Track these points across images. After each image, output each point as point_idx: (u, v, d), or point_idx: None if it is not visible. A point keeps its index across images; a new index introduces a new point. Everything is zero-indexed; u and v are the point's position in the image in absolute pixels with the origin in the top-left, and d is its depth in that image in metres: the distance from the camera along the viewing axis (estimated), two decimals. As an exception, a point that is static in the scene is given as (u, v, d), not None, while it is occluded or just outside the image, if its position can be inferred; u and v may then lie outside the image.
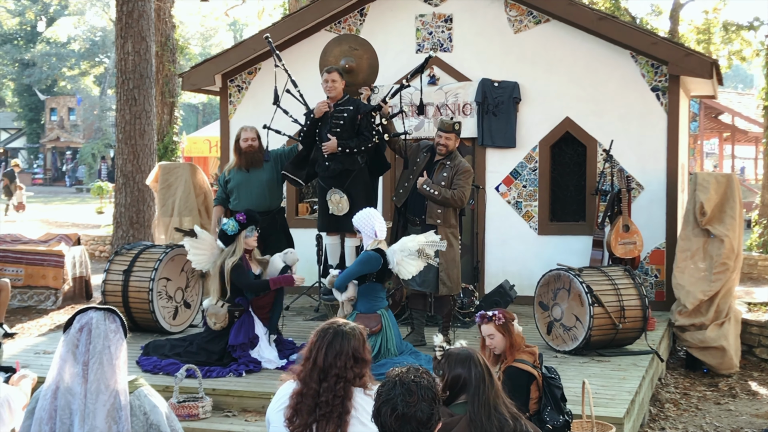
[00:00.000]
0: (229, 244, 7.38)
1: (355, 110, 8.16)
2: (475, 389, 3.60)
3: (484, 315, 5.25)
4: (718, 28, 23.57)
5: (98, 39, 53.53)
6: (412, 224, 8.01)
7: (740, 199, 9.29)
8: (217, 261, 7.39)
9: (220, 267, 7.32)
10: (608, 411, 6.03)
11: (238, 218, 7.33)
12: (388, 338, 7.05)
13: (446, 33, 10.54)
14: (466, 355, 3.72)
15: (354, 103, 8.25)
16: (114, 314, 3.37)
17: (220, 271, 7.34)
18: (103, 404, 3.23)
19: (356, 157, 8.17)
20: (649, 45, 9.84)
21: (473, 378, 3.63)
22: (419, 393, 2.94)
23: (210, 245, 7.53)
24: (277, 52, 8.65)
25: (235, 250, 7.32)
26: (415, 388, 2.95)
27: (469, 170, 7.98)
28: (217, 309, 7.32)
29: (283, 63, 8.53)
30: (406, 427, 2.92)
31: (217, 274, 7.37)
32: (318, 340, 3.56)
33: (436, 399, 2.99)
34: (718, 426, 7.53)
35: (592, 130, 10.14)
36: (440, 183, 7.82)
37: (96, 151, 49.61)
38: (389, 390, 2.99)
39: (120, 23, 13.13)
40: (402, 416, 2.91)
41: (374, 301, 7.13)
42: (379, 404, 2.99)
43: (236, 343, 7.28)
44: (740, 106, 27.47)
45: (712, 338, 8.97)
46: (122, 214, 13.13)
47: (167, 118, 17.04)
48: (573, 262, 9.02)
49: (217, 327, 7.35)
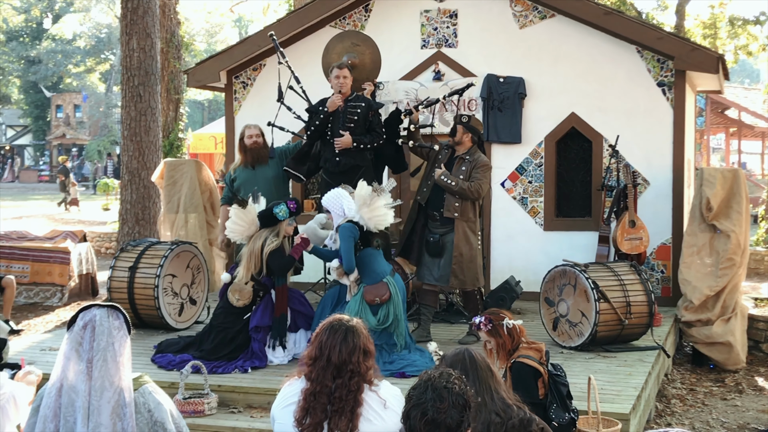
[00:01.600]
0: (267, 226, 7.39)
1: (367, 107, 8.21)
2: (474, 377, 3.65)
3: (472, 324, 5.35)
4: (724, 22, 23.50)
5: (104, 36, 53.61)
6: (432, 219, 8.11)
7: (747, 195, 9.26)
8: (256, 240, 7.36)
9: (261, 247, 7.32)
10: (614, 407, 6.02)
11: (290, 205, 7.35)
12: (396, 304, 7.13)
13: (451, 28, 10.52)
14: (459, 352, 3.78)
15: (364, 100, 8.30)
16: (117, 311, 3.37)
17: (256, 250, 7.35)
18: (108, 401, 3.22)
19: (366, 153, 8.28)
20: (655, 40, 9.81)
21: (469, 368, 3.68)
22: (450, 399, 2.92)
23: (251, 221, 7.47)
24: (281, 49, 8.65)
25: (278, 234, 7.34)
26: (446, 394, 2.93)
27: (487, 164, 8.07)
28: (242, 285, 7.34)
29: (286, 60, 8.52)
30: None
31: (253, 252, 7.36)
32: (329, 338, 3.54)
33: (467, 406, 2.96)
34: (725, 422, 7.51)
35: (598, 125, 10.11)
36: (459, 177, 7.92)
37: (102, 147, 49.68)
38: (420, 394, 2.97)
39: (125, 20, 13.12)
40: (432, 422, 2.89)
41: (375, 269, 7.20)
42: (410, 407, 2.96)
43: (262, 324, 7.29)
44: (747, 101, 27.36)
45: (719, 334, 8.95)
46: (128, 210, 13.13)
47: (172, 114, 17.02)
48: (579, 257, 9.00)
49: (239, 303, 7.36)
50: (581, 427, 5.47)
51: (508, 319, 5.23)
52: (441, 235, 7.99)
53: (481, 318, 5.25)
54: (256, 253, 7.31)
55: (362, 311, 6.99)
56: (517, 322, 5.26)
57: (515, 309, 9.17)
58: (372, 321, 6.96)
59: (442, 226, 8.01)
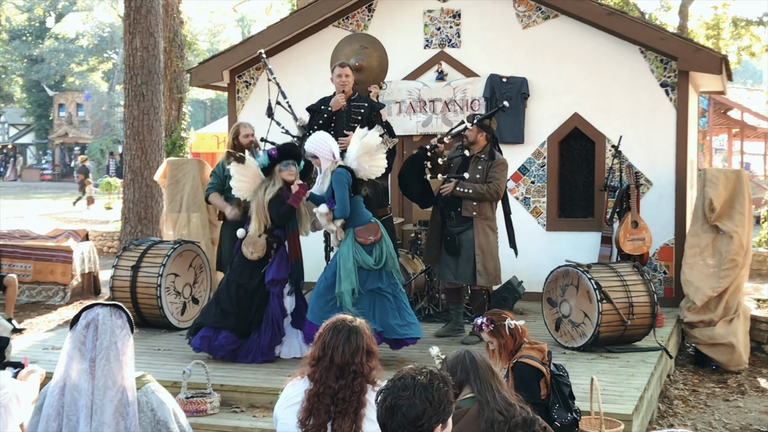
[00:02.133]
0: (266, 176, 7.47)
1: (370, 107, 8.20)
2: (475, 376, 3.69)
3: (474, 324, 5.35)
4: (727, 23, 23.50)
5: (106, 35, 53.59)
6: (449, 218, 8.12)
7: (749, 196, 9.25)
8: (258, 192, 7.40)
9: (262, 198, 7.37)
10: (617, 408, 6.01)
11: (270, 152, 7.37)
12: (387, 243, 7.17)
13: (454, 28, 10.52)
14: (459, 355, 3.81)
15: (367, 100, 8.29)
16: (120, 310, 3.37)
17: (260, 202, 7.39)
18: (111, 400, 3.22)
19: None
20: (658, 40, 9.80)
21: (470, 368, 3.71)
22: (414, 389, 2.93)
23: (254, 175, 7.48)
24: (270, 66, 8.59)
25: (274, 182, 7.37)
26: (411, 384, 2.94)
27: (503, 162, 8.06)
28: (255, 239, 7.37)
29: (275, 77, 8.46)
30: (393, 419, 2.92)
31: (259, 205, 7.37)
32: (333, 338, 3.53)
33: (433, 402, 2.94)
34: (727, 423, 7.50)
35: (601, 125, 10.11)
36: (475, 177, 7.92)
37: (104, 147, 49.68)
38: (391, 382, 3.00)
39: (128, 19, 13.13)
40: (390, 408, 2.92)
41: (362, 213, 7.22)
42: (378, 392, 3.01)
43: (278, 277, 7.36)
44: (749, 102, 27.33)
45: (721, 335, 8.94)
46: (130, 209, 13.14)
47: (175, 113, 17.03)
48: (581, 258, 8.99)
49: (254, 257, 7.39)
50: (584, 428, 5.47)
51: (510, 319, 5.23)
52: (458, 234, 8.00)
53: (483, 319, 5.26)
54: (262, 205, 7.35)
55: (357, 252, 7.00)
56: (519, 322, 5.26)
57: (517, 309, 9.17)
58: (369, 260, 6.99)
59: (459, 225, 8.03)
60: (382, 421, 2.94)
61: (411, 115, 10.50)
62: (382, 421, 2.94)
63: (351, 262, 6.97)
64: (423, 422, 2.90)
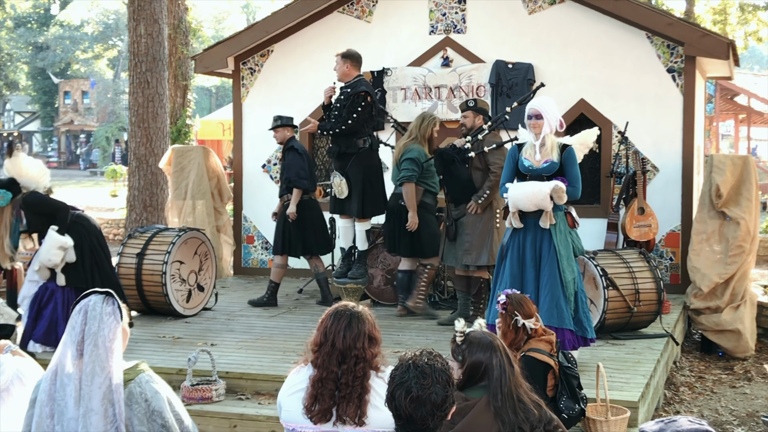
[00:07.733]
0: None
1: (353, 92, 8.20)
2: (497, 380, 3.56)
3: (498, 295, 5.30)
4: (734, 8, 23.36)
5: (111, 22, 53.53)
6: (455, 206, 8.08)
7: (756, 182, 9.20)
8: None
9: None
10: (623, 394, 5.99)
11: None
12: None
13: (460, 14, 10.46)
14: (487, 342, 3.67)
15: (351, 86, 8.30)
16: (112, 298, 3.41)
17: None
18: (99, 387, 3.24)
19: (354, 139, 8.31)
20: (664, 26, 9.73)
21: (495, 366, 3.59)
22: (434, 376, 2.95)
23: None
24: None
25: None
26: (429, 371, 2.96)
27: (498, 144, 7.94)
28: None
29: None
30: (421, 410, 2.93)
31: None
32: (334, 323, 3.57)
33: (450, 382, 2.99)
34: (734, 409, 7.49)
35: (607, 111, 10.06)
36: (476, 165, 7.88)
37: (110, 134, 49.71)
38: (403, 373, 3.00)
39: (133, 6, 13.10)
40: (417, 399, 2.92)
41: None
42: (393, 388, 3.00)
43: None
44: (756, 88, 27.19)
45: (728, 321, 8.92)
46: (136, 197, 13.14)
47: (180, 101, 17.01)
48: (587, 244, 8.91)
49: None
50: (590, 415, 5.46)
51: (522, 318, 5.17)
52: (456, 219, 7.98)
53: (504, 297, 5.20)
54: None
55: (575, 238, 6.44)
56: (529, 322, 5.19)
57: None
58: (581, 247, 6.48)
59: (458, 210, 8.01)
60: (407, 413, 2.93)
61: (416, 102, 10.45)
62: (407, 413, 2.93)
63: (569, 248, 6.33)
64: (446, 405, 2.93)
